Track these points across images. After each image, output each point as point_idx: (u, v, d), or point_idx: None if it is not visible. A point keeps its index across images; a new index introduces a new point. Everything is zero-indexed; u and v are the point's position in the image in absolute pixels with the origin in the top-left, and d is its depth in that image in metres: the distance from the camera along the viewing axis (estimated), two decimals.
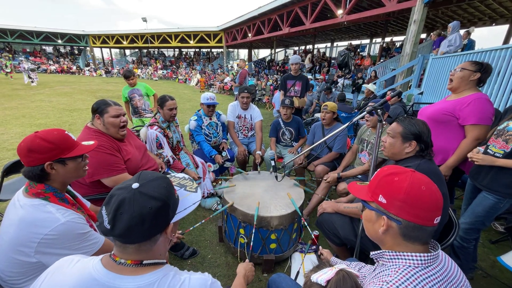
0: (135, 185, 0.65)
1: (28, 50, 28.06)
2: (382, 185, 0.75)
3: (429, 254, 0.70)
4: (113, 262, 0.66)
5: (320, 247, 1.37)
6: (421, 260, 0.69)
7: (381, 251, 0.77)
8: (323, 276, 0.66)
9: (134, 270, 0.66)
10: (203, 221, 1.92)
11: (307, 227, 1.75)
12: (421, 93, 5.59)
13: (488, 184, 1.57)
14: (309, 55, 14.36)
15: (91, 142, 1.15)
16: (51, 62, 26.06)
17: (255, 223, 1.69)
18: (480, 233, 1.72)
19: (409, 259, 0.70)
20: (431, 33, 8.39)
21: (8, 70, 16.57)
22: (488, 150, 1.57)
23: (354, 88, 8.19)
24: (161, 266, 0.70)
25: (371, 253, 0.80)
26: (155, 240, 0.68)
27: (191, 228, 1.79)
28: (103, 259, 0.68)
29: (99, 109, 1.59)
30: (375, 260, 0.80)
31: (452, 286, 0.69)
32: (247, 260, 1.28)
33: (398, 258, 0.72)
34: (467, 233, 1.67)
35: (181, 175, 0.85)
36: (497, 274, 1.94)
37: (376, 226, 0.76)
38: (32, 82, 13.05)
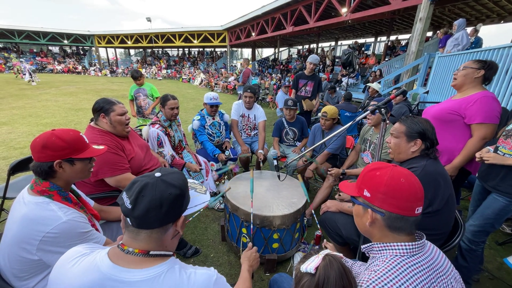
0: (158, 174, 0.71)
1: (35, 50, 28.49)
2: (366, 180, 0.80)
3: (414, 243, 0.74)
4: (120, 252, 0.69)
5: (325, 240, 1.36)
6: (406, 249, 0.73)
7: (370, 244, 0.81)
8: (311, 264, 0.68)
9: (140, 261, 0.68)
10: (201, 209, 1.93)
11: (315, 219, 1.75)
12: (427, 92, 5.52)
13: (498, 185, 1.52)
14: (327, 52, 14.20)
15: (101, 147, 1.17)
16: (57, 62, 26.40)
17: (252, 199, 1.67)
18: (489, 235, 1.69)
19: (395, 249, 0.74)
20: (438, 31, 8.26)
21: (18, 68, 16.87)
22: (498, 152, 1.52)
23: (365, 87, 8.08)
24: (167, 258, 0.72)
25: (362, 246, 0.84)
26: (166, 229, 0.71)
27: (190, 219, 1.81)
28: (110, 251, 0.70)
29: (103, 108, 1.61)
30: (366, 254, 0.84)
31: (438, 274, 0.73)
32: (249, 245, 1.27)
33: (385, 249, 0.76)
34: (476, 235, 1.62)
35: (191, 180, 0.91)
36: (504, 276, 1.90)
37: (364, 219, 0.81)
38: (32, 82, 13.28)
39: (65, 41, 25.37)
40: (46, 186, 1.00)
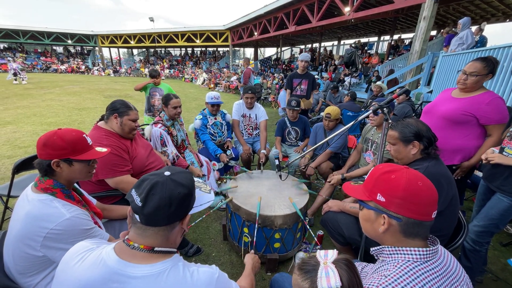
0: (167, 173, 0.73)
1: (39, 50, 28.78)
2: (380, 183, 0.75)
3: (428, 248, 0.71)
4: (126, 247, 0.70)
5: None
6: (420, 254, 0.70)
7: (381, 246, 0.77)
8: (333, 278, 0.59)
9: (145, 257, 0.69)
10: (204, 216, 1.95)
11: (309, 229, 1.75)
12: (431, 92, 5.47)
13: (502, 185, 1.52)
14: (334, 54, 14.02)
15: (104, 150, 1.17)
16: (60, 62, 26.63)
17: (257, 218, 1.68)
18: (493, 236, 1.67)
19: (408, 254, 0.71)
20: (442, 30, 8.18)
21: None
22: (504, 153, 1.52)
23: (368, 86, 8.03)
24: (171, 255, 0.73)
25: (371, 249, 0.80)
26: (173, 227, 0.73)
27: (192, 224, 1.82)
28: (116, 246, 0.72)
29: (119, 109, 1.66)
30: (375, 257, 0.80)
31: (451, 281, 0.70)
32: (252, 251, 1.32)
33: (397, 253, 0.72)
34: (480, 236, 1.62)
35: (196, 179, 0.90)
36: (508, 277, 1.88)
37: (376, 225, 0.76)
38: (23, 80, 13.39)
39: (69, 41, 25.58)
40: (49, 183, 1.01)
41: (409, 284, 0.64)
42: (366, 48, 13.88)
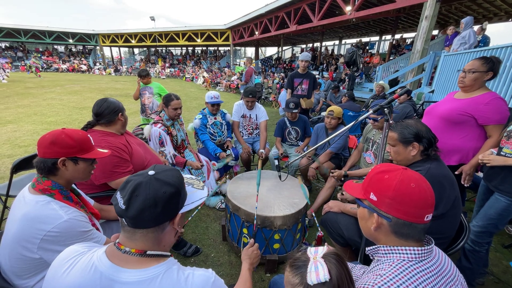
0: (151, 172, 0.70)
1: (40, 49, 28.82)
2: (374, 182, 0.76)
3: (422, 248, 0.71)
4: (117, 251, 0.67)
5: (326, 243, 1.34)
6: (414, 254, 0.70)
7: (376, 246, 0.77)
8: (320, 272, 0.60)
9: (137, 261, 0.67)
10: (199, 207, 1.95)
11: (316, 222, 1.74)
12: (432, 91, 5.44)
13: (500, 185, 1.52)
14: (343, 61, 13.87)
15: (105, 151, 1.20)
16: (62, 61, 26.68)
17: (257, 192, 1.66)
18: (493, 236, 1.66)
19: (403, 253, 0.71)
20: (443, 29, 8.12)
21: (38, 66, 17.36)
22: (502, 153, 1.52)
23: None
24: (165, 259, 0.71)
25: (367, 248, 0.80)
26: (163, 228, 0.70)
27: (189, 219, 1.82)
28: (107, 250, 0.70)
29: (119, 109, 1.71)
30: (371, 257, 0.80)
31: (445, 281, 0.70)
32: (251, 241, 1.25)
33: (392, 253, 0.72)
34: (479, 236, 1.62)
35: (188, 175, 0.89)
36: (510, 280, 1.87)
37: (369, 223, 0.78)
38: (3, 79, 13.69)
39: (70, 40, 25.63)
40: (48, 184, 1.00)
41: (404, 283, 0.64)
42: (367, 47, 13.82)
